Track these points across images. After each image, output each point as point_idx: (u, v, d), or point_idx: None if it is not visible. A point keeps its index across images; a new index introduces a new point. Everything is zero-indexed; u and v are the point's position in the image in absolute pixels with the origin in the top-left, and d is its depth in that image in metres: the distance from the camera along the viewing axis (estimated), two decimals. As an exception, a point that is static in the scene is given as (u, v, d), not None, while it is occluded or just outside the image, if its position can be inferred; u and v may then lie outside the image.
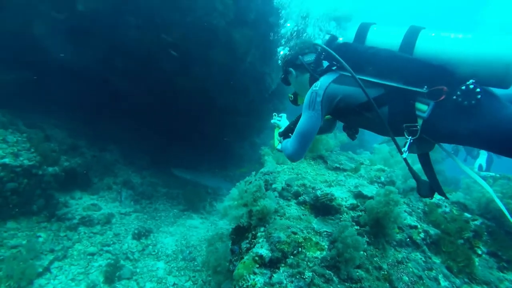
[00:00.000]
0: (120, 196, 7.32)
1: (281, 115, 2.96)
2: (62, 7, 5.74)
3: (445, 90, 1.74)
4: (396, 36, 1.97)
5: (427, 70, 1.81)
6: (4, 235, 4.83)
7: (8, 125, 7.01)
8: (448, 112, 1.76)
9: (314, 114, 2.08)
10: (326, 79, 2.12)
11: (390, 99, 1.92)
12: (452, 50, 1.77)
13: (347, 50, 2.07)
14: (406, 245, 3.30)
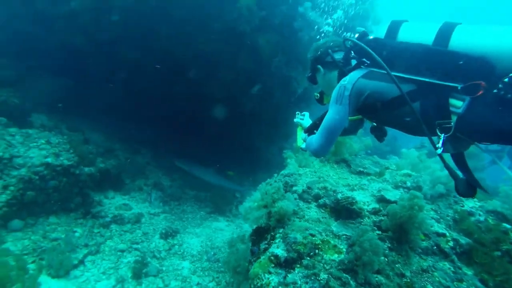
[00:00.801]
0: (150, 197, 7.63)
1: (303, 113, 2.89)
2: (99, 19, 6.15)
3: (484, 85, 1.64)
4: (429, 31, 1.89)
5: (464, 64, 1.71)
6: (47, 229, 5.23)
7: (53, 128, 7.62)
8: (487, 107, 1.66)
9: (341, 109, 2.04)
10: (355, 74, 2.08)
11: (422, 95, 1.84)
12: (493, 43, 1.68)
13: (377, 45, 2.01)
14: (433, 253, 3.13)
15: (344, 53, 2.28)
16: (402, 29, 2.03)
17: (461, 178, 1.91)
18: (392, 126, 2.25)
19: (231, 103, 7.17)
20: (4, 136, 5.57)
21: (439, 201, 3.69)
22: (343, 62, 2.26)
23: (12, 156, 5.17)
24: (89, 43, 7.02)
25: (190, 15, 5.79)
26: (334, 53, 2.31)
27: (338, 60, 2.27)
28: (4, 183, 4.91)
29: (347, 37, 2.25)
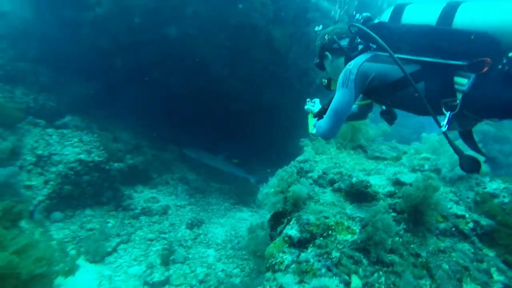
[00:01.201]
0: (176, 190, 7.97)
1: (314, 100, 2.96)
2: (122, 23, 6.49)
3: (488, 61, 1.64)
4: (433, 12, 1.90)
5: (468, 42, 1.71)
6: (83, 220, 5.67)
7: (85, 128, 8.12)
8: (492, 83, 1.67)
9: (347, 92, 2.09)
10: (360, 58, 2.13)
11: (426, 74, 1.87)
12: (497, 18, 1.67)
13: (380, 28, 2.05)
14: (452, 235, 3.11)
15: (349, 39, 2.32)
16: (406, 12, 2.05)
17: (465, 154, 1.91)
18: (399, 107, 2.28)
19: (250, 95, 7.30)
20: (44, 136, 6.06)
21: (459, 183, 3.63)
22: (348, 48, 2.31)
23: (50, 154, 5.63)
24: (114, 45, 7.41)
25: (205, 10, 5.95)
26: (341, 39, 2.36)
27: (344, 46, 2.32)
28: (45, 178, 5.38)
29: (352, 23, 2.30)
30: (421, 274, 2.63)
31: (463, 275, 2.69)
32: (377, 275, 2.46)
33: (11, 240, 2.93)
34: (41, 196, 5.20)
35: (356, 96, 2.12)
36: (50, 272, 3.15)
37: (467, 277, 2.69)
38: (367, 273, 2.45)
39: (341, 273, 2.43)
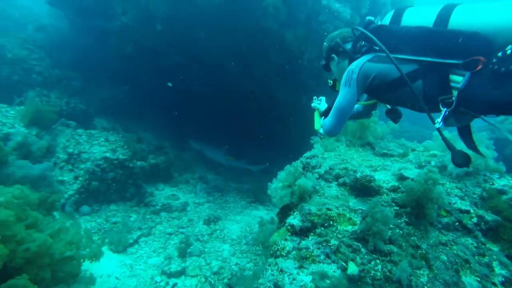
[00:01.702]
0: (195, 189, 8.31)
1: (320, 98, 3.08)
2: (146, 30, 6.93)
3: (482, 60, 1.74)
4: (430, 14, 2.01)
5: (462, 42, 1.80)
6: (109, 214, 6.09)
7: (111, 130, 8.65)
8: (485, 81, 1.75)
9: (350, 91, 2.21)
10: (362, 59, 2.25)
11: (424, 73, 1.96)
12: (489, 19, 1.76)
13: (381, 31, 2.18)
14: (455, 229, 3.16)
15: (353, 42, 2.45)
16: (405, 15, 2.16)
17: (457, 149, 2.00)
18: (400, 105, 2.42)
19: (266, 96, 7.51)
20: (74, 136, 6.58)
21: (466, 179, 3.65)
22: (352, 50, 2.44)
23: (80, 152, 6.11)
24: (138, 51, 7.90)
25: (222, 17, 6.27)
26: (346, 43, 2.49)
27: (348, 49, 2.46)
28: (75, 174, 5.85)
29: (355, 27, 2.44)
30: (419, 264, 2.73)
31: (463, 267, 2.75)
32: (374, 263, 2.59)
33: (46, 225, 3.30)
34: (72, 190, 5.67)
35: (358, 95, 2.25)
36: (78, 256, 3.50)
37: (467, 269, 2.75)
38: (364, 260, 2.58)
39: (339, 260, 2.58)
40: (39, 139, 5.81)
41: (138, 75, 8.98)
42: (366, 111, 2.95)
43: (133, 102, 10.30)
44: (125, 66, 8.70)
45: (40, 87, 7.83)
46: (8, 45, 8.17)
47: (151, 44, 7.42)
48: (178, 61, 7.89)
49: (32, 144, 5.50)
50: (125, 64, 8.53)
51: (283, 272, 2.52)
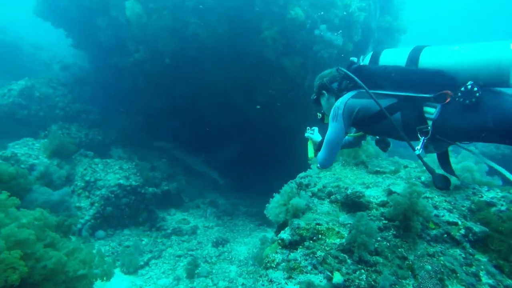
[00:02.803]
0: (206, 213, 8.55)
1: (313, 128, 3.26)
2: (156, 64, 7.56)
3: (450, 93, 1.96)
4: (402, 55, 2.25)
5: (430, 78, 2.05)
6: (122, 238, 6.39)
7: (127, 159, 9.15)
8: (455, 112, 1.95)
9: (337, 125, 2.42)
10: (346, 96, 2.52)
11: (401, 106, 2.18)
12: (451, 60, 2.02)
13: (362, 70, 2.46)
14: (444, 241, 3.26)
15: (338, 81, 2.71)
16: (382, 56, 2.41)
17: (436, 173, 2.18)
18: (383, 135, 2.65)
19: (270, 122, 7.86)
20: (91, 165, 7.06)
21: (456, 193, 3.76)
22: (338, 89, 2.71)
23: (96, 180, 6.55)
24: (150, 84, 8.54)
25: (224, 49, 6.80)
26: (334, 82, 2.74)
27: (335, 88, 2.72)
28: (91, 200, 6.25)
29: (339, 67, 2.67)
30: (405, 274, 2.86)
31: (450, 277, 2.86)
32: (359, 273, 2.75)
33: (62, 245, 3.63)
34: (88, 216, 6.04)
35: (346, 128, 2.47)
36: (91, 274, 3.77)
37: (453, 279, 2.85)
38: (350, 270, 2.75)
39: (325, 270, 2.75)
40: (59, 169, 6.30)
41: (151, 106, 9.60)
42: (356, 141, 3.16)
43: (147, 132, 10.90)
44: (139, 98, 9.36)
45: (62, 121, 8.51)
46: (36, 85, 8.99)
47: (161, 76, 8.04)
48: (186, 91, 8.44)
49: (53, 174, 5.98)
50: (138, 96, 9.19)
51: (272, 282, 2.71)
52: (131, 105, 9.92)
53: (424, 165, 2.17)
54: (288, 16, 5.71)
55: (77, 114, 9.12)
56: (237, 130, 9.01)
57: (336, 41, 5.71)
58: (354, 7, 5.82)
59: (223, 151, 11.06)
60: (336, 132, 2.43)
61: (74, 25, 9.03)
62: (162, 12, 6.84)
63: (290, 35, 5.98)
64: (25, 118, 8.41)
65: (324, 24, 5.70)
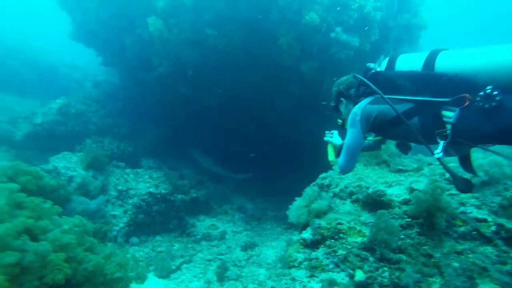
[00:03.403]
0: (234, 218, 8.72)
1: (332, 132, 3.24)
2: (179, 76, 7.92)
3: (468, 97, 1.92)
4: (418, 59, 2.25)
5: (448, 82, 2.03)
6: (155, 244, 6.69)
7: (157, 168, 9.56)
8: (474, 115, 1.91)
9: (355, 131, 2.43)
10: (363, 102, 2.52)
11: (419, 111, 2.16)
12: (468, 63, 2.00)
13: (378, 76, 2.47)
14: (473, 239, 3.18)
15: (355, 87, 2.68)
16: (398, 61, 2.42)
17: (459, 176, 2.14)
18: (402, 139, 2.64)
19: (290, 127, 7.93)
20: (123, 175, 7.48)
21: (485, 189, 3.63)
22: (355, 95, 2.71)
23: (128, 189, 6.92)
24: (175, 95, 8.94)
25: (242, 57, 7.01)
26: (351, 88, 2.73)
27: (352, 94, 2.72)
28: (124, 209, 6.61)
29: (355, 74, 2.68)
30: (431, 272, 2.83)
31: (481, 275, 2.78)
32: (381, 270, 2.76)
33: (99, 249, 3.91)
34: (122, 223, 6.39)
35: (364, 133, 2.45)
36: (126, 277, 4.02)
37: (485, 277, 2.78)
38: (372, 268, 2.77)
39: (347, 268, 2.79)
40: (95, 180, 6.74)
41: (176, 117, 10.02)
42: (376, 145, 3.15)
43: (175, 142, 11.35)
44: (165, 111, 9.80)
45: (95, 135, 9.09)
46: (72, 102, 9.68)
47: (184, 87, 8.39)
48: (209, 101, 8.74)
49: (89, 184, 6.41)
50: (164, 108, 9.63)
51: (295, 280, 2.79)
52: (158, 117, 10.40)
53: (444, 168, 2.15)
54: (303, 21, 5.79)
55: (109, 128, 9.70)
56: (259, 135, 9.16)
57: (352, 42, 5.71)
58: (369, 8, 5.79)
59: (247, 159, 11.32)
60: (355, 138, 2.45)
61: (103, 44, 9.67)
62: (182, 26, 7.17)
63: (306, 40, 6.06)
64: (63, 134, 9.07)
65: (339, 27, 5.73)
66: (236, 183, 11.17)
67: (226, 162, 11.44)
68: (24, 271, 2.71)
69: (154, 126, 11.00)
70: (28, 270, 2.73)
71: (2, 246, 2.63)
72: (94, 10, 8.18)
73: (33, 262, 2.75)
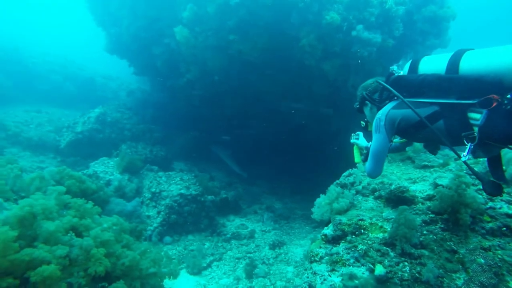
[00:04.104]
0: (263, 218, 8.87)
1: (357, 133, 3.27)
2: (206, 81, 8.25)
3: (496, 98, 1.89)
4: (442, 61, 2.23)
5: (473, 84, 2.00)
6: (187, 243, 7.01)
7: (188, 171, 9.96)
8: (502, 117, 1.88)
9: (380, 136, 2.44)
10: (387, 107, 2.53)
11: (444, 113, 2.15)
12: (494, 63, 1.94)
13: (400, 81, 2.44)
14: (503, 235, 3.10)
15: (379, 92, 2.72)
16: (421, 64, 2.42)
17: (487, 179, 2.12)
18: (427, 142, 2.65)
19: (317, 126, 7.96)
20: (156, 178, 7.90)
21: (516, 183, 3.51)
22: (379, 100, 2.71)
23: (160, 191, 7.32)
24: (203, 100, 9.30)
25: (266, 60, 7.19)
26: (375, 93, 2.77)
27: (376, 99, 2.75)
28: (158, 209, 7.00)
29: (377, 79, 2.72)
30: (455, 268, 2.82)
31: (510, 271, 2.72)
32: (402, 265, 2.79)
33: (135, 246, 4.23)
34: (156, 223, 6.78)
35: (389, 138, 2.46)
36: (160, 273, 4.31)
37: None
38: (392, 263, 2.81)
39: (367, 263, 2.85)
40: (130, 183, 7.21)
41: (206, 121, 10.39)
42: (402, 146, 3.16)
43: (204, 145, 11.76)
44: (194, 115, 10.21)
45: (130, 140, 9.69)
46: (108, 111, 10.39)
47: (212, 93, 8.71)
48: (236, 104, 9.00)
49: (126, 187, 6.87)
50: (193, 113, 10.03)
51: (316, 274, 2.90)
52: (188, 122, 10.84)
53: (472, 171, 2.09)
54: (324, 21, 5.83)
55: (142, 133, 10.27)
56: (286, 135, 9.27)
57: (374, 39, 5.65)
58: (391, 3, 5.70)
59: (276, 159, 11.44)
60: (380, 143, 2.46)
61: (134, 56, 10.28)
62: (207, 33, 7.48)
63: (328, 39, 6.09)
64: (101, 141, 9.75)
65: (360, 24, 5.69)
66: (268, 186, 11.37)
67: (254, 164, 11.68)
68: (72, 263, 3.05)
69: (184, 130, 11.48)
70: (75, 262, 3.06)
71: (54, 240, 2.98)
72: (125, 25, 8.76)
73: (78, 255, 3.09)
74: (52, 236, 3.01)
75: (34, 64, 16.97)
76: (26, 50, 17.67)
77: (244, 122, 10.76)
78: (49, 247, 2.94)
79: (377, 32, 5.77)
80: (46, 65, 17.54)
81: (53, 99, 15.67)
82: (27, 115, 12.58)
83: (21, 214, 2.95)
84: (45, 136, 10.40)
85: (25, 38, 21.48)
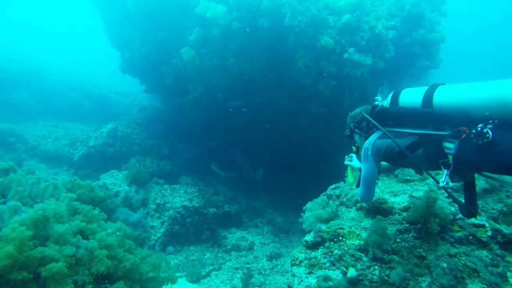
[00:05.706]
0: (263, 231, 9.12)
1: (351, 155, 3.50)
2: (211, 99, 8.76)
3: (465, 129, 2.07)
4: (418, 95, 2.43)
5: (444, 117, 2.21)
6: (188, 253, 7.32)
7: (193, 185, 10.36)
8: (471, 148, 2.04)
9: (369, 164, 2.66)
10: (372, 137, 2.71)
11: (423, 143, 2.37)
12: (462, 98, 2.15)
13: (383, 113, 2.65)
14: (469, 243, 3.33)
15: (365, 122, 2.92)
16: (401, 97, 2.63)
17: (462, 203, 2.41)
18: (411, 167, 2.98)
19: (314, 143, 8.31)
20: (162, 190, 8.32)
21: (487, 196, 3.75)
22: (366, 130, 2.92)
23: (165, 202, 7.71)
24: (208, 117, 9.80)
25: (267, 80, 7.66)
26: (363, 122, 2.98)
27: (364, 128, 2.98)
28: (162, 220, 7.37)
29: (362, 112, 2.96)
30: (422, 272, 3.07)
31: (471, 275, 2.97)
32: (373, 269, 3.06)
33: (136, 251, 4.59)
34: (159, 233, 7.14)
35: (377, 166, 2.67)
36: (159, 278, 4.63)
37: (475, 277, 2.97)
38: (364, 267, 3.08)
39: (342, 266, 3.13)
40: (136, 194, 7.64)
41: (210, 136, 10.87)
42: (392, 168, 3.46)
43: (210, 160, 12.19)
44: (200, 131, 10.72)
45: (139, 154, 10.21)
46: (119, 126, 11.01)
47: (216, 110, 9.22)
48: (239, 121, 9.46)
49: (132, 198, 7.30)
50: (199, 129, 10.54)
51: (295, 276, 3.18)
52: (195, 137, 11.34)
53: (449, 195, 2.35)
54: (318, 44, 6.28)
55: (151, 148, 10.80)
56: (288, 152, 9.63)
57: (364, 61, 6.04)
58: (380, 27, 6.13)
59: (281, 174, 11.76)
60: (369, 171, 2.69)
61: (145, 74, 10.96)
62: (212, 54, 8.04)
63: (322, 61, 6.52)
64: (112, 154, 10.31)
65: (352, 48, 6.13)
66: (269, 200, 11.64)
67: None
68: (78, 262, 3.42)
69: (191, 145, 11.97)
70: (80, 261, 3.43)
71: (63, 241, 3.38)
72: (137, 47, 9.44)
73: (84, 255, 3.46)
74: (61, 237, 3.40)
75: (54, 83, 18.03)
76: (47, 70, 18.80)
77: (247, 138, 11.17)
78: (58, 247, 3.33)
79: (368, 54, 6.17)
80: (65, 83, 18.61)
81: (70, 114, 16.56)
82: (45, 130, 13.36)
83: (35, 217, 3.36)
84: (60, 149, 11.07)
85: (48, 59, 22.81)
